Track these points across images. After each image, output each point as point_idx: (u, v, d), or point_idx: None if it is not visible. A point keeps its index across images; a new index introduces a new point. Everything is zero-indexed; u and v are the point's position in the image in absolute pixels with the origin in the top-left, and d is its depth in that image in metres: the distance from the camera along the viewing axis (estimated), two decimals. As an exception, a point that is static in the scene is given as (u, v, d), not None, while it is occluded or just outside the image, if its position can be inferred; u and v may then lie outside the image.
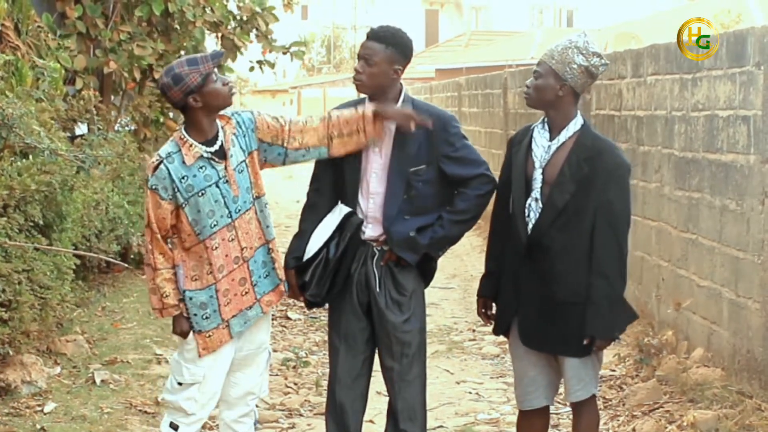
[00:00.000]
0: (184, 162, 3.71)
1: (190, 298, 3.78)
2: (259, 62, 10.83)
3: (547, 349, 3.90)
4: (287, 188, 18.21)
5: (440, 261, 4.18)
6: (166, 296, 3.77)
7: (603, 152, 3.80)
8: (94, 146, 7.44)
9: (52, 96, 7.06)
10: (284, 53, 10.64)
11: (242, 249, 3.80)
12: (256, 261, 3.84)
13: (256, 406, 4.14)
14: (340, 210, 4.02)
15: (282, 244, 4.04)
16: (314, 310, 4.89)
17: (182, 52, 9.72)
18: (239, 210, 3.78)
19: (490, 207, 4.12)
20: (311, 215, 4.10)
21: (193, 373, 3.82)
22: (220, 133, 3.78)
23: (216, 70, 3.77)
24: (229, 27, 10.12)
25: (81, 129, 8.81)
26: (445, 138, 4.00)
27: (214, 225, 3.74)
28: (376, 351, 4.17)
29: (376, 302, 4.04)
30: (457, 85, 15.70)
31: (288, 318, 7.91)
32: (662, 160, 6.51)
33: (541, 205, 3.81)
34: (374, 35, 3.96)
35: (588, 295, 3.76)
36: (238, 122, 3.85)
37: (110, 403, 5.45)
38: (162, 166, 3.72)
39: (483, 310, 4.13)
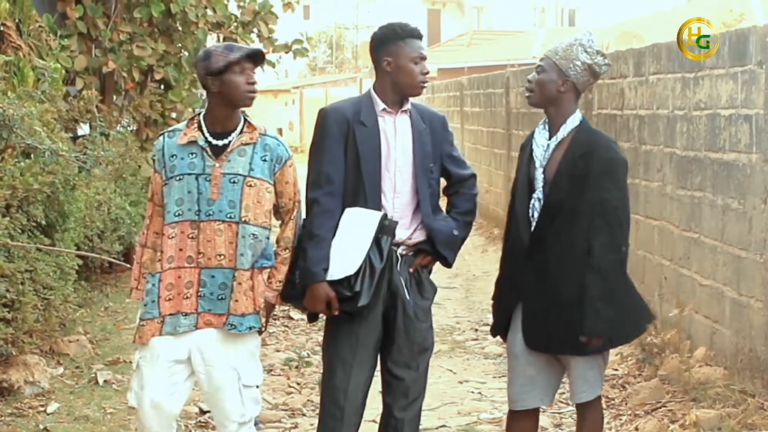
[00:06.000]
0: (179, 141, 3.64)
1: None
2: None
3: (552, 350, 3.86)
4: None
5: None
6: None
7: (597, 148, 3.76)
8: (96, 145, 7.44)
9: (53, 96, 7.07)
10: (286, 52, 10.63)
11: (199, 253, 3.59)
12: (214, 277, 3.59)
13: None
14: (368, 215, 3.76)
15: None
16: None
17: (184, 53, 9.73)
18: (210, 215, 3.58)
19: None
20: (328, 221, 3.75)
21: (134, 360, 3.68)
22: (235, 135, 3.63)
23: (250, 67, 3.60)
24: (230, 28, 10.12)
25: (83, 129, 8.82)
26: (446, 137, 3.99)
27: (178, 214, 3.60)
28: (381, 360, 3.96)
29: (404, 311, 3.83)
30: (459, 85, 15.69)
31: (290, 318, 7.91)
32: (664, 160, 6.50)
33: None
34: (420, 33, 3.87)
35: (582, 293, 3.70)
36: (267, 145, 3.66)
37: (113, 403, 5.45)
38: (161, 137, 3.70)
39: None
